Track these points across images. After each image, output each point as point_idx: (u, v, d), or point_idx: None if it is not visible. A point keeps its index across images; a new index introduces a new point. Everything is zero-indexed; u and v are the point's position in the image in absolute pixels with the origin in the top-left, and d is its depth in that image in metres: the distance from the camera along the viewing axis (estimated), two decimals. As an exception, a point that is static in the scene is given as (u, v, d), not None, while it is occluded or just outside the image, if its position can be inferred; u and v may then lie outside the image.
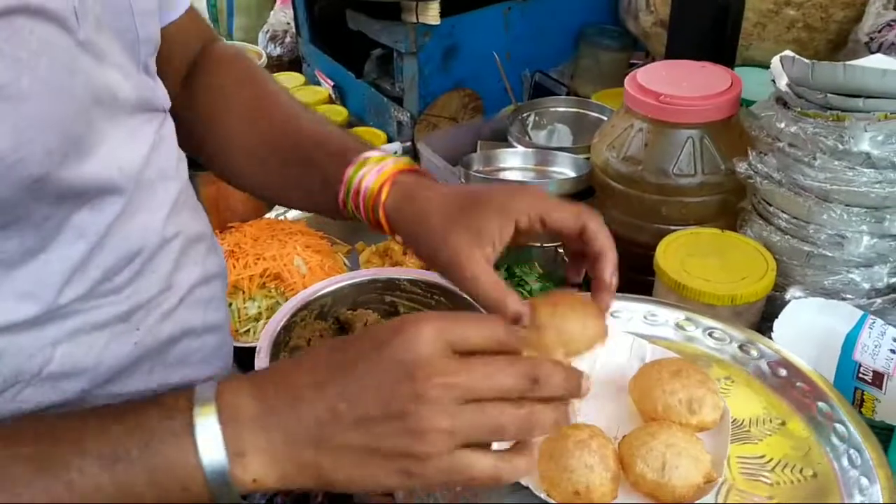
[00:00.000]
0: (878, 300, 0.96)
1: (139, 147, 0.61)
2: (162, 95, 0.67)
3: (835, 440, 0.58)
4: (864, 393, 0.87)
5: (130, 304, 0.63)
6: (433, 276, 1.01)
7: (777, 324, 0.90)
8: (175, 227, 0.67)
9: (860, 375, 0.89)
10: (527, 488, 0.52)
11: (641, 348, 0.64)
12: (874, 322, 0.93)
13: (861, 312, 0.93)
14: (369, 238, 1.32)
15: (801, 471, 0.57)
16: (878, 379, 0.88)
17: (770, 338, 0.89)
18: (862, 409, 0.86)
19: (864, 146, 0.88)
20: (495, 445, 0.47)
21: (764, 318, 0.96)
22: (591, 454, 0.52)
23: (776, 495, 0.55)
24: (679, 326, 0.68)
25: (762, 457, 0.58)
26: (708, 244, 0.99)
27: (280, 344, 0.94)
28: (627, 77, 1.06)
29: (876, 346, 0.91)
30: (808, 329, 0.92)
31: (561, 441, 0.53)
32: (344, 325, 1.01)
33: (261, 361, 0.89)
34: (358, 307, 1.02)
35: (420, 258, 0.64)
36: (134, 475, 0.46)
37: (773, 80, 0.98)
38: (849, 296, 0.95)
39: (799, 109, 0.93)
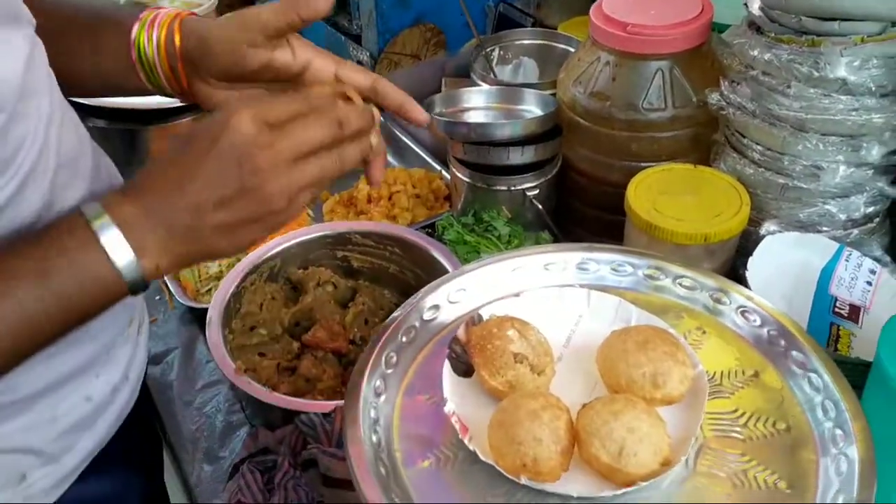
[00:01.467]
0: (855, 231, 0.93)
1: (15, 58, 0.59)
2: (26, 11, 0.64)
3: (809, 390, 0.56)
4: (840, 328, 0.86)
5: (12, 224, 0.61)
6: (386, 228, 0.98)
7: (751, 261, 0.88)
8: (55, 142, 0.65)
9: (836, 309, 0.87)
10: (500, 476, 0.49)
11: (627, 312, 0.61)
12: (850, 254, 0.90)
13: (837, 245, 0.90)
14: (333, 186, 1.27)
15: (773, 424, 0.54)
16: (854, 313, 0.86)
17: (744, 275, 0.87)
18: (838, 346, 0.85)
19: (841, 72, 0.84)
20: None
21: (739, 253, 0.94)
22: (542, 426, 0.49)
23: (748, 451, 0.53)
24: (648, 276, 0.65)
25: (734, 411, 0.56)
26: (680, 181, 0.95)
27: (231, 311, 0.91)
28: (593, 6, 1.01)
29: (852, 279, 0.89)
30: (784, 264, 0.90)
31: (513, 411, 0.50)
32: (296, 286, 0.98)
33: (212, 331, 0.86)
34: (309, 265, 0.98)
35: (216, 78, 0.70)
36: (63, 283, 0.55)
37: (746, 4, 0.93)
38: (825, 228, 0.92)
39: (773, 35, 0.88)
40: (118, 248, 0.55)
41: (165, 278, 1.06)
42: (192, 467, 0.87)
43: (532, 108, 1.08)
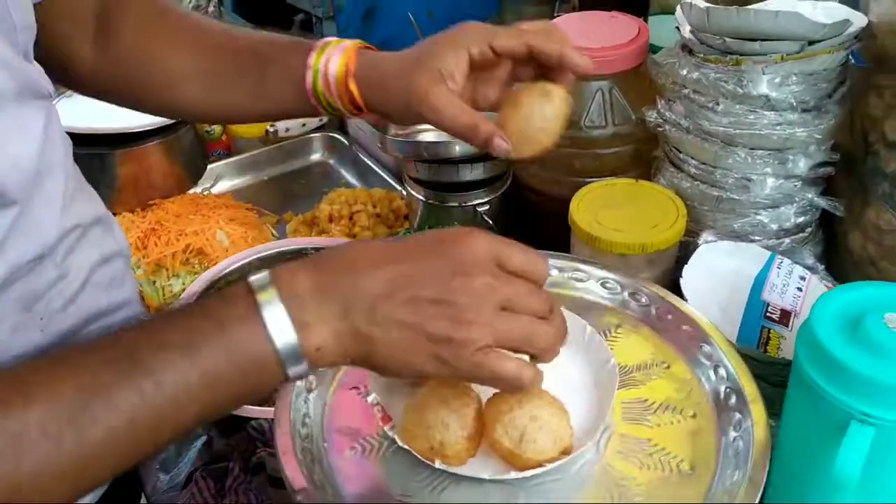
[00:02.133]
0: (787, 240, 0.97)
1: (30, 141, 0.59)
2: (45, 81, 0.65)
3: (714, 380, 0.59)
4: (771, 331, 0.89)
5: (27, 295, 0.62)
6: (341, 243, 1.01)
7: (686, 269, 0.92)
8: (72, 220, 0.66)
9: (768, 314, 0.91)
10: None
11: None
12: (782, 262, 0.94)
13: (769, 253, 0.95)
14: (297, 207, 1.31)
15: (681, 412, 0.58)
16: (785, 317, 0.90)
17: (679, 283, 0.91)
18: (767, 348, 0.89)
19: (763, 89, 0.88)
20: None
21: (679, 264, 0.98)
22: (450, 413, 0.52)
23: (655, 437, 0.56)
24: (573, 278, 0.69)
25: (645, 400, 0.59)
26: (622, 195, 0.99)
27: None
28: (536, 31, 1.05)
29: (784, 285, 0.93)
30: (719, 272, 0.94)
31: (425, 396, 0.54)
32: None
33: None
34: (271, 279, 1.01)
35: (394, 121, 0.72)
36: (215, 359, 0.47)
37: (678, 28, 0.98)
38: (758, 237, 0.96)
39: (702, 55, 0.93)
40: (279, 322, 0.48)
41: (129, 296, 1.09)
42: (149, 477, 0.89)
43: (482, 128, 1.12)
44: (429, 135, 1.11)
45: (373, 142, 1.24)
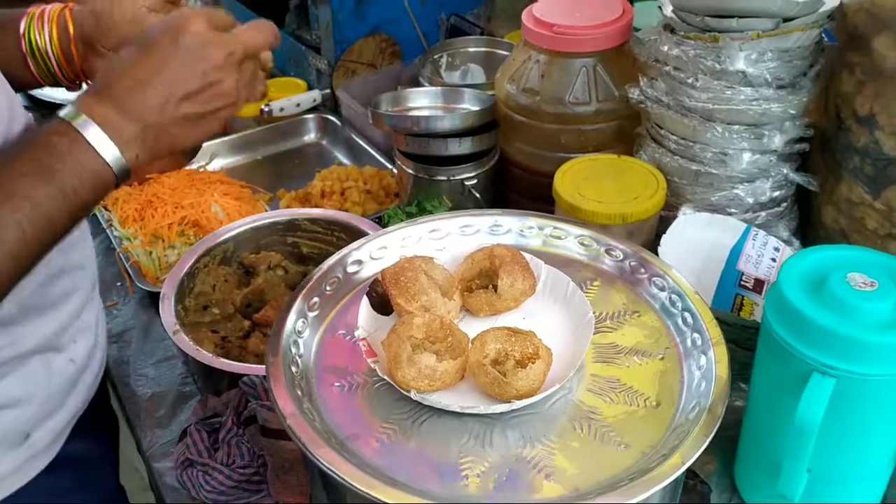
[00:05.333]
0: (763, 213, 1.01)
1: None
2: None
3: (682, 326, 0.63)
4: (744, 298, 0.93)
5: None
6: (332, 214, 1.05)
7: (664, 238, 0.95)
8: None
9: (742, 283, 0.95)
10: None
11: (538, 268, 0.68)
12: (757, 234, 0.98)
13: (745, 225, 0.98)
14: (290, 186, 1.35)
15: (649, 355, 0.61)
16: (758, 285, 0.94)
17: (656, 252, 0.94)
18: (740, 313, 0.92)
19: (740, 65, 0.92)
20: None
21: (659, 236, 1.01)
22: (432, 346, 0.57)
23: (624, 376, 0.60)
24: (553, 236, 0.72)
25: (616, 345, 0.63)
26: (604, 169, 1.03)
27: (185, 290, 0.97)
28: (525, 10, 1.09)
29: (759, 256, 0.97)
30: (695, 243, 0.98)
31: (410, 330, 0.57)
32: (248, 269, 1.04)
33: (165, 308, 0.92)
34: (261, 250, 1.05)
35: (115, 49, 0.81)
36: (68, 179, 0.61)
37: (660, 7, 1.02)
38: (734, 210, 1.00)
39: (682, 33, 0.97)
40: (103, 143, 0.62)
41: (126, 266, 1.13)
42: (145, 433, 0.93)
43: (471, 105, 1.16)
44: (421, 111, 1.15)
45: (364, 118, 1.27)
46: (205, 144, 1.39)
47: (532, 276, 0.64)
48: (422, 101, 1.17)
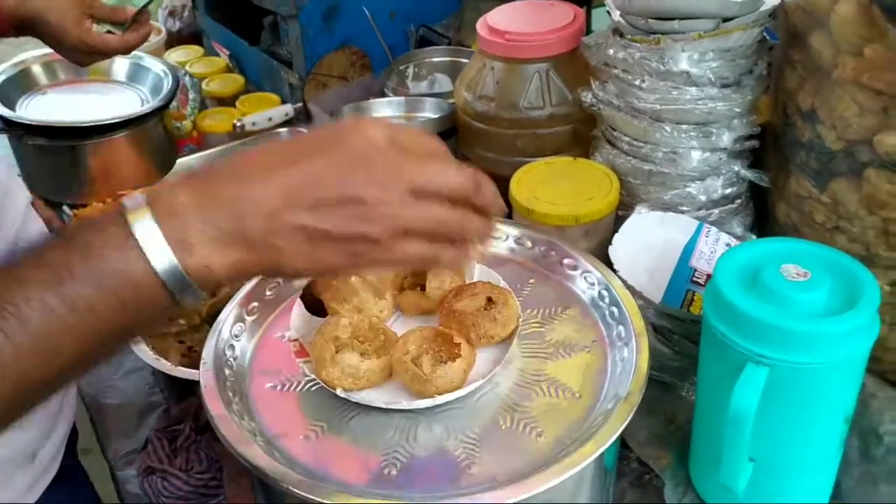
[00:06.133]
0: (716, 210, 1.02)
1: None
2: None
3: (609, 319, 0.65)
4: (695, 294, 0.94)
5: None
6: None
7: (616, 237, 0.97)
8: None
9: (694, 279, 0.96)
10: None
11: (470, 268, 0.70)
12: (710, 230, 0.99)
13: (698, 223, 1.00)
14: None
15: (575, 347, 0.63)
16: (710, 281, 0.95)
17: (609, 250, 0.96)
18: (691, 308, 0.94)
19: (683, 65, 0.94)
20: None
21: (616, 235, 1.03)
22: (358, 343, 0.59)
23: (550, 370, 0.61)
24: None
25: (546, 340, 0.64)
26: (560, 172, 1.05)
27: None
28: (479, 20, 1.11)
29: (711, 252, 0.98)
30: (649, 241, 0.99)
31: (337, 328, 0.59)
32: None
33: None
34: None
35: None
36: (80, 288, 0.44)
37: (608, 12, 1.04)
38: (687, 208, 1.02)
39: (629, 37, 0.99)
40: (153, 241, 0.44)
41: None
42: (110, 442, 0.94)
43: (432, 114, 1.18)
44: (380, 116, 1.17)
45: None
46: (178, 160, 1.43)
47: (461, 277, 0.66)
48: (384, 112, 1.20)
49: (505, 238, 0.74)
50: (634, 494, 0.87)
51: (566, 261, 0.70)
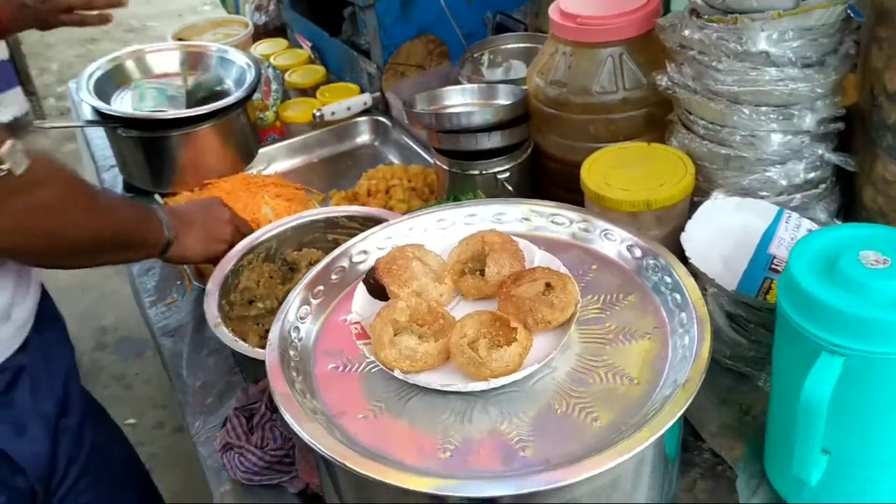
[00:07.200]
0: (798, 195, 0.99)
1: None
2: None
3: (671, 306, 0.63)
4: (773, 282, 0.92)
5: None
6: (369, 211, 1.09)
7: (689, 224, 0.95)
8: None
9: (773, 266, 0.93)
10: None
11: (531, 253, 0.70)
12: (790, 216, 0.96)
13: (777, 208, 0.96)
14: (343, 186, 1.40)
15: (638, 335, 0.62)
16: (789, 269, 0.92)
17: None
18: (768, 296, 0.91)
19: (762, 45, 0.91)
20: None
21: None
22: (418, 327, 0.60)
23: (609, 355, 0.61)
24: (552, 222, 0.74)
25: (606, 326, 0.64)
26: (633, 157, 1.03)
27: (229, 286, 1.03)
28: (552, 5, 1.10)
29: (792, 239, 0.94)
30: (725, 227, 0.96)
31: (398, 312, 0.60)
32: (292, 266, 1.09)
33: (209, 303, 0.98)
34: (303, 248, 1.10)
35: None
36: (135, 229, 1.00)
37: (685, -7, 1.01)
38: (767, 193, 0.98)
39: (706, 17, 0.96)
40: (168, 226, 1.02)
41: (185, 267, 1.21)
42: (195, 419, 0.99)
43: (504, 101, 1.18)
44: (455, 109, 1.18)
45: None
46: (261, 150, 1.48)
47: (520, 263, 0.66)
48: (457, 99, 1.20)
49: (568, 223, 0.73)
50: (705, 485, 0.85)
51: (628, 245, 0.69)
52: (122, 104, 1.37)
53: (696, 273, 0.91)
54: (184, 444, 1.09)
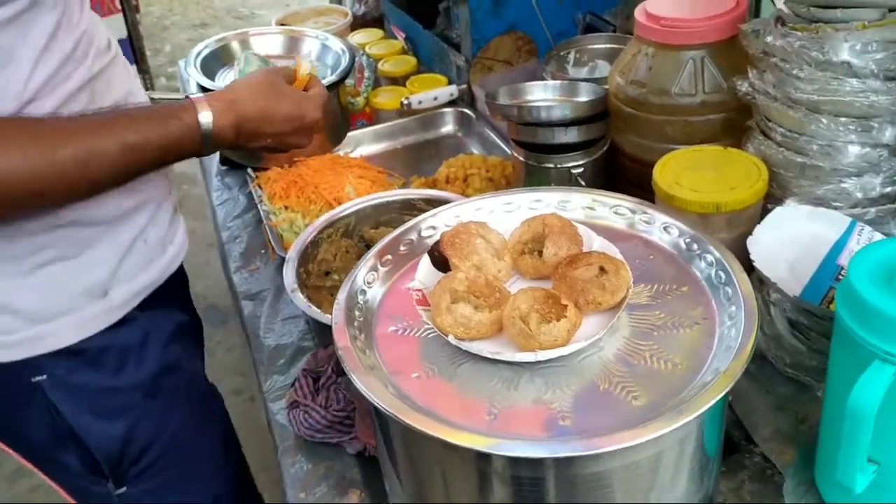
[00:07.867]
0: (873, 209, 0.98)
1: None
2: None
3: (722, 299, 0.65)
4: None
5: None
6: (445, 195, 1.13)
7: (758, 228, 0.95)
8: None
9: (839, 277, 0.93)
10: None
11: (589, 239, 0.73)
12: (863, 229, 0.95)
13: (849, 220, 0.96)
14: (424, 173, 1.45)
15: (684, 322, 0.64)
16: (856, 280, 0.92)
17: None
18: (831, 306, 0.91)
19: (845, 56, 0.91)
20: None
21: (762, 228, 1.01)
22: (474, 298, 0.64)
23: (656, 340, 0.63)
24: (615, 213, 0.77)
25: (657, 313, 0.66)
26: (708, 160, 1.04)
27: (308, 256, 1.09)
28: (638, 7, 1.12)
29: (863, 252, 0.94)
30: (794, 234, 0.97)
31: (457, 282, 0.64)
32: (368, 243, 1.15)
33: (288, 270, 1.04)
34: (380, 226, 1.15)
35: None
36: (164, 130, 0.89)
37: (773, 1, 1.01)
38: (840, 204, 0.98)
39: (790, 25, 0.96)
40: (204, 114, 0.92)
41: (269, 235, 1.28)
42: (267, 378, 1.06)
43: (584, 97, 1.20)
44: (533, 101, 1.21)
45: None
46: (350, 134, 1.54)
47: (577, 247, 0.69)
48: (538, 94, 1.23)
49: (630, 214, 0.76)
50: (752, 487, 0.86)
51: (686, 240, 0.72)
52: (226, 81, 1.45)
53: (760, 278, 0.92)
54: (257, 412, 1.16)
